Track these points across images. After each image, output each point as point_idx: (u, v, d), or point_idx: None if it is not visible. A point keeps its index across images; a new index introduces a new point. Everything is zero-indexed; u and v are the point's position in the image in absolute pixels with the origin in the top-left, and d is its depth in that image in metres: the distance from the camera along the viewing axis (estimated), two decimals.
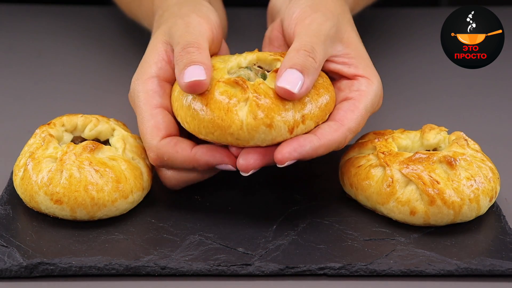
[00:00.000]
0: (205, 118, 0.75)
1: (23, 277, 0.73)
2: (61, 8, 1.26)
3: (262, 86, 0.76)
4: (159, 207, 0.81)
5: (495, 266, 0.74)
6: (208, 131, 0.76)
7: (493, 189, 0.80)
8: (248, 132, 0.75)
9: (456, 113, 1.02)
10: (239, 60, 0.81)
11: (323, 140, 0.77)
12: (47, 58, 1.14)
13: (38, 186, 0.78)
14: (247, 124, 0.75)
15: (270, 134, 0.75)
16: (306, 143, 0.76)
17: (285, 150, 0.75)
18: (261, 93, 0.75)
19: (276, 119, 0.75)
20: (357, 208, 0.82)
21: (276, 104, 0.75)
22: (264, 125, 0.75)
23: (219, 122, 0.75)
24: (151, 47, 0.84)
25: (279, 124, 0.75)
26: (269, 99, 0.75)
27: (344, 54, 0.83)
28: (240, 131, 0.75)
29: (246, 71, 0.80)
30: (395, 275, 0.74)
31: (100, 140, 0.84)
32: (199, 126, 0.76)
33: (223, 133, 0.75)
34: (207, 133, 0.76)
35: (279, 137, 0.76)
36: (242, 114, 0.75)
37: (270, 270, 0.74)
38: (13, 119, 0.99)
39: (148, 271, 0.73)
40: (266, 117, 0.75)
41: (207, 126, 0.76)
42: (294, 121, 0.76)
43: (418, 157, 0.79)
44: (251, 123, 0.75)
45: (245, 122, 0.75)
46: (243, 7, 1.27)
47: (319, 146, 0.77)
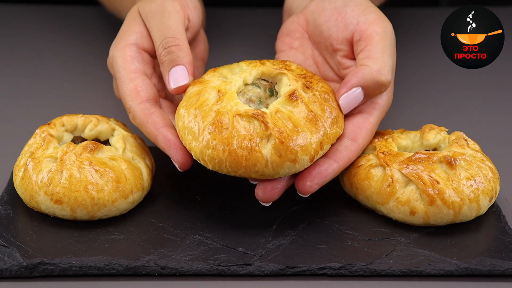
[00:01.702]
0: (228, 159, 0.75)
1: (23, 277, 0.73)
2: (61, 8, 1.26)
3: (279, 115, 0.76)
4: (159, 207, 0.81)
5: (495, 266, 0.74)
6: (231, 170, 0.75)
7: (493, 189, 0.80)
8: (273, 169, 0.75)
9: (456, 113, 1.02)
10: (245, 76, 0.80)
11: (341, 163, 0.79)
12: (47, 58, 1.14)
13: (38, 186, 0.78)
14: (272, 162, 0.75)
15: (294, 168, 0.76)
16: (328, 173, 0.78)
17: (308, 184, 0.77)
18: (281, 125, 0.75)
19: (299, 153, 0.75)
20: (357, 208, 0.82)
21: (297, 134, 0.75)
22: (289, 161, 0.75)
23: (243, 162, 0.75)
24: (130, 19, 0.86)
25: (302, 157, 0.76)
26: (290, 132, 0.75)
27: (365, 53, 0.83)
28: (265, 168, 0.75)
29: (255, 90, 0.80)
30: (395, 275, 0.74)
31: (100, 140, 0.85)
32: (220, 166, 0.75)
33: (248, 171, 0.75)
34: (230, 171, 0.75)
35: (301, 168, 0.76)
36: (266, 152, 0.75)
37: (270, 270, 0.74)
38: (13, 119, 0.99)
39: (148, 271, 0.73)
40: (290, 153, 0.75)
41: (230, 166, 0.75)
42: (314, 150, 0.76)
43: (418, 157, 0.79)
44: (276, 160, 0.75)
45: (270, 160, 0.75)
46: (244, 7, 1.27)
47: (338, 170, 0.79)
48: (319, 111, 0.78)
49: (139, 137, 0.85)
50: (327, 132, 0.77)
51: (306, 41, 0.88)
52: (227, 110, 0.76)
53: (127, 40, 0.84)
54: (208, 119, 0.76)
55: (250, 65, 0.81)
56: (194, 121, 0.77)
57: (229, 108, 0.76)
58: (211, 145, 0.75)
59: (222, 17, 1.24)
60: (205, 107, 0.77)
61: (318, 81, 0.81)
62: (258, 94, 0.79)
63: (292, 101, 0.77)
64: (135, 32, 0.84)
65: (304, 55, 0.88)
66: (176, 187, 0.85)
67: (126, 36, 0.84)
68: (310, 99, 0.78)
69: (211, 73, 0.82)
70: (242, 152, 0.74)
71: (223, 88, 0.78)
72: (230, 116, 0.75)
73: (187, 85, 0.81)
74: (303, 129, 0.76)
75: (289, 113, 0.76)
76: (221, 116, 0.75)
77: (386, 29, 0.81)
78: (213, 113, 0.76)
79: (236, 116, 0.75)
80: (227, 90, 0.78)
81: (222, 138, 0.75)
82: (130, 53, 0.83)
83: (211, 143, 0.75)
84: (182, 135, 0.78)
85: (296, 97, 0.77)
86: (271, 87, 0.80)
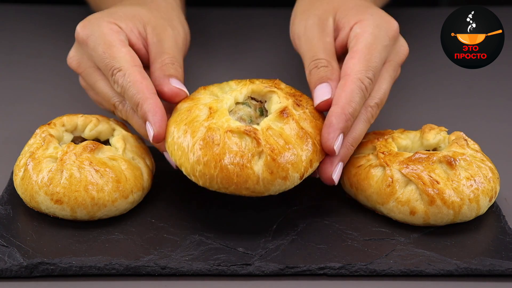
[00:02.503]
0: (219, 175, 0.75)
1: (23, 277, 0.73)
2: (60, 8, 1.26)
3: (270, 132, 0.76)
4: (159, 207, 0.81)
5: (495, 266, 0.74)
6: (222, 186, 0.75)
7: (493, 189, 0.80)
8: (264, 186, 0.75)
9: (456, 113, 1.02)
10: (235, 95, 0.80)
11: (339, 107, 0.77)
12: (47, 58, 1.14)
13: (39, 186, 0.78)
14: (263, 179, 0.75)
15: (285, 185, 0.76)
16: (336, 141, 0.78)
17: (333, 175, 0.78)
18: (272, 142, 0.76)
19: (290, 170, 0.75)
20: (357, 208, 0.82)
21: (288, 151, 0.75)
22: (280, 178, 0.75)
23: (234, 178, 0.75)
24: (131, 11, 0.87)
25: (293, 174, 0.76)
26: (281, 148, 0.75)
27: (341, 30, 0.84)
28: (257, 185, 0.75)
29: (245, 109, 0.80)
30: (395, 275, 0.74)
31: (100, 140, 0.85)
32: (211, 182, 0.75)
33: (238, 188, 0.75)
34: (220, 188, 0.75)
35: (291, 186, 0.77)
36: (257, 169, 0.75)
37: (270, 270, 0.74)
38: (13, 119, 0.99)
39: (148, 271, 0.73)
40: (282, 170, 0.75)
41: (221, 182, 0.75)
42: (304, 168, 0.76)
43: (418, 157, 0.79)
44: (267, 177, 0.75)
45: (261, 177, 0.75)
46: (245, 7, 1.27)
47: (340, 115, 0.77)
48: (310, 129, 0.78)
49: (139, 137, 0.85)
50: (317, 149, 0.78)
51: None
52: (218, 126, 0.76)
53: (118, 20, 0.85)
54: (198, 134, 0.76)
55: (240, 84, 0.82)
56: (183, 137, 0.77)
57: (220, 124, 0.76)
58: (202, 160, 0.75)
59: (221, 17, 1.24)
60: (195, 123, 0.77)
61: (307, 100, 0.81)
62: (249, 113, 0.80)
63: (283, 118, 0.77)
64: (129, 27, 0.86)
65: None
66: (176, 187, 0.85)
67: (119, 20, 0.85)
68: (300, 116, 0.79)
69: (202, 90, 0.82)
70: (234, 169, 0.74)
71: (215, 106, 0.78)
72: (221, 132, 0.75)
73: (185, 93, 0.82)
74: (294, 146, 0.76)
75: (280, 130, 0.77)
76: (212, 132, 0.75)
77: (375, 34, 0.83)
78: (203, 129, 0.76)
79: (228, 132, 0.75)
80: (219, 108, 0.78)
81: (213, 154, 0.75)
82: (116, 28, 0.84)
83: (202, 159, 0.75)
84: (172, 150, 0.78)
85: (287, 114, 0.78)
86: (261, 107, 0.81)
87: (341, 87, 0.79)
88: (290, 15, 0.91)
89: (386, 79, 0.83)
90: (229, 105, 0.79)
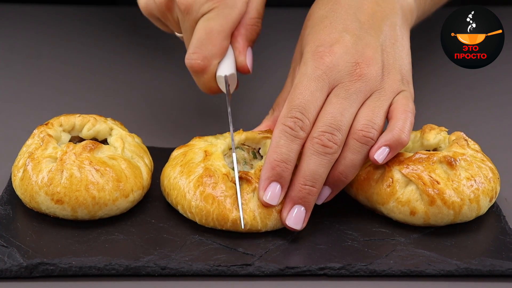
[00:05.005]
0: (215, 211, 0.77)
1: (23, 277, 0.73)
2: (60, 8, 1.26)
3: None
4: (159, 207, 0.81)
5: (495, 266, 0.74)
6: (218, 223, 0.77)
7: (493, 189, 0.80)
8: (261, 221, 0.77)
9: (456, 113, 1.02)
10: (229, 141, 0.82)
11: (267, 158, 0.77)
12: (45, 58, 1.14)
13: (39, 186, 0.78)
14: (259, 213, 0.77)
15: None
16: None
17: (286, 221, 0.77)
18: None
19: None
20: (357, 208, 0.82)
21: None
22: (276, 211, 0.77)
23: (230, 216, 0.76)
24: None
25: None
26: None
27: None
28: (253, 221, 0.77)
29: (239, 152, 0.82)
30: (395, 275, 0.74)
31: (98, 140, 0.85)
32: (207, 219, 0.77)
33: (235, 225, 0.77)
34: (217, 225, 0.77)
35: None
36: (252, 205, 0.77)
37: (270, 270, 0.74)
38: (11, 119, 0.99)
39: (148, 271, 0.73)
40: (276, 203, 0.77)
41: (217, 219, 0.77)
42: None
43: (418, 157, 0.79)
44: (262, 212, 0.77)
45: (257, 212, 0.77)
46: None
47: (266, 165, 0.77)
48: None
49: (137, 136, 0.85)
50: None
51: None
52: (215, 168, 0.78)
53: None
54: (195, 174, 0.78)
55: (234, 133, 0.83)
56: (180, 177, 0.79)
57: (217, 168, 0.78)
58: (199, 197, 0.77)
59: None
60: (191, 164, 0.79)
61: None
62: (243, 156, 0.82)
63: None
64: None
65: None
66: None
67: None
68: None
69: (197, 139, 0.84)
70: (231, 206, 0.76)
71: (209, 149, 0.81)
72: (219, 174, 0.78)
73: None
74: None
75: None
76: (209, 172, 0.78)
77: None
78: (200, 169, 0.79)
79: (225, 175, 0.78)
80: (213, 151, 0.80)
81: (210, 191, 0.77)
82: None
83: (198, 198, 0.77)
84: (168, 191, 0.80)
85: None
86: (253, 151, 0.83)
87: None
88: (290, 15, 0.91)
89: (332, 103, 0.78)
90: (223, 149, 0.81)
